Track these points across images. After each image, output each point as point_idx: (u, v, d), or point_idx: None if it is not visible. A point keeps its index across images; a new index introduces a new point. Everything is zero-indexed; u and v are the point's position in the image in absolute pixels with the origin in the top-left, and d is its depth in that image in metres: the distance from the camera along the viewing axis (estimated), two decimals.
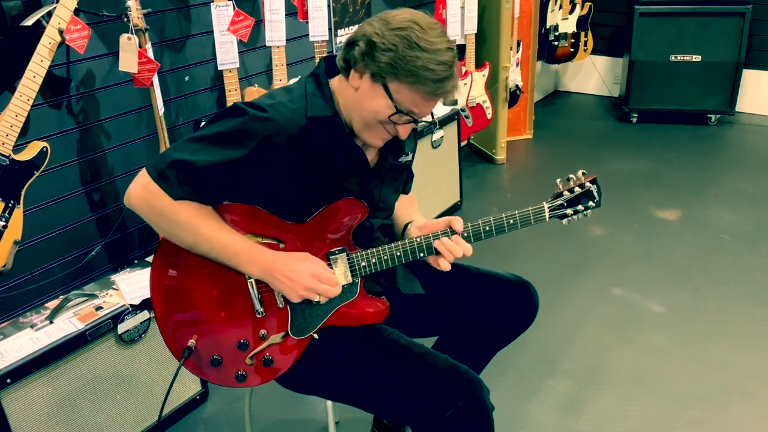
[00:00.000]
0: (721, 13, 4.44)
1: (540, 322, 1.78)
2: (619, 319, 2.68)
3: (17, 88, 1.91)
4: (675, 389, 2.31)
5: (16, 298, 2.20)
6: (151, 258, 1.50)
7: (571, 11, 4.70)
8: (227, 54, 2.46)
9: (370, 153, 1.53)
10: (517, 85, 4.20)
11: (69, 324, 1.88)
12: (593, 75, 5.39)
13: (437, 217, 1.60)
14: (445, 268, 1.51)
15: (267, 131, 1.38)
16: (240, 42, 2.53)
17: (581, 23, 4.80)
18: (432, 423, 1.42)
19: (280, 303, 1.49)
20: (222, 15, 2.41)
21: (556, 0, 4.54)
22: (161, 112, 2.35)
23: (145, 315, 2.00)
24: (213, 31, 2.44)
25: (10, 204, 1.96)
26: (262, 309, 1.49)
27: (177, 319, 1.50)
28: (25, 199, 2.00)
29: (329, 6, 2.95)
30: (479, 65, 3.87)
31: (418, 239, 1.51)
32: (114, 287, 2.05)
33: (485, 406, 1.43)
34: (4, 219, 1.95)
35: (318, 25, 2.65)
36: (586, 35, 4.87)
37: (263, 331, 1.50)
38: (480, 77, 3.84)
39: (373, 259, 1.50)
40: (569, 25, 4.74)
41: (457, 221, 1.50)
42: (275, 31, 2.55)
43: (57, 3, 1.93)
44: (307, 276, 1.43)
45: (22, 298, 2.22)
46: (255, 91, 2.65)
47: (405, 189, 1.76)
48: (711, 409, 2.21)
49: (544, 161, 4.32)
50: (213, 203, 1.44)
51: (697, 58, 4.55)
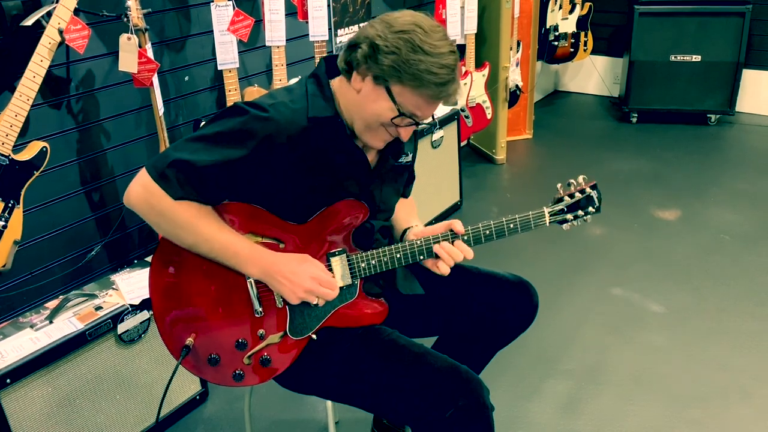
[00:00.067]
0: (721, 13, 4.44)
1: (540, 322, 1.78)
2: (619, 319, 2.68)
3: (17, 87, 1.90)
4: (675, 389, 2.31)
5: (15, 298, 2.20)
6: (151, 258, 1.50)
7: (571, 11, 4.70)
8: (227, 54, 2.46)
9: (370, 154, 1.53)
10: (517, 85, 4.20)
11: (69, 324, 1.88)
12: (593, 75, 5.39)
13: (437, 218, 1.60)
14: (444, 272, 1.51)
15: (267, 131, 1.38)
16: (240, 42, 2.52)
17: (581, 23, 4.80)
18: (432, 423, 1.42)
19: (279, 303, 1.49)
20: (222, 15, 2.41)
21: (556, 0, 4.54)
22: (161, 112, 2.35)
23: (145, 315, 2.00)
24: (213, 31, 2.44)
25: (9, 204, 1.96)
26: (261, 309, 1.49)
27: (175, 318, 1.49)
28: (25, 199, 2.00)
29: (329, 6, 2.95)
30: (479, 65, 3.87)
31: (418, 242, 1.51)
32: (114, 287, 2.05)
33: (485, 406, 1.43)
34: (3, 219, 1.95)
35: (318, 25, 2.65)
36: (586, 35, 4.87)
37: (261, 331, 1.50)
38: (480, 77, 3.84)
39: (373, 261, 1.50)
40: (569, 25, 4.74)
41: (458, 224, 1.50)
42: (275, 31, 2.55)
43: (57, 3, 1.93)
44: (308, 278, 1.43)
45: (21, 298, 2.22)
46: (255, 91, 2.65)
47: (405, 192, 1.75)
48: (711, 409, 2.21)
49: (544, 161, 4.32)
50: (213, 203, 1.44)
51: (697, 58, 4.54)
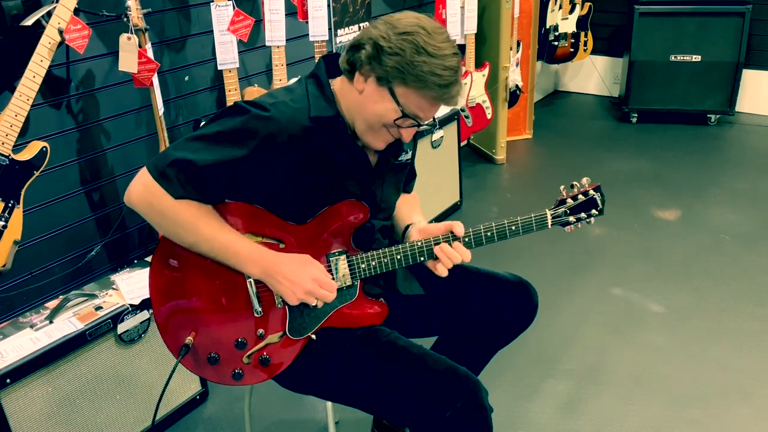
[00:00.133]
0: (721, 13, 4.44)
1: (540, 322, 1.78)
2: (619, 319, 2.68)
3: (17, 87, 1.90)
4: (675, 389, 2.31)
5: (15, 298, 2.20)
6: (151, 258, 1.50)
7: (571, 11, 4.70)
8: (227, 54, 2.46)
9: (370, 154, 1.53)
10: (517, 85, 4.20)
11: (69, 324, 1.88)
12: (593, 75, 5.39)
13: (437, 218, 1.59)
14: (443, 273, 1.51)
15: (268, 130, 1.38)
16: (240, 42, 2.52)
17: (581, 23, 4.80)
18: (431, 424, 1.42)
19: (278, 303, 1.49)
20: (222, 15, 2.41)
21: (556, 0, 4.54)
22: (161, 111, 2.35)
23: (145, 315, 2.00)
24: (213, 31, 2.44)
25: (9, 204, 1.96)
26: (260, 308, 1.49)
27: (175, 317, 1.49)
28: (25, 199, 2.00)
29: (329, 6, 2.95)
30: (479, 65, 3.87)
31: (418, 243, 1.51)
32: (114, 287, 2.05)
33: (483, 407, 1.43)
34: (3, 219, 1.95)
35: (318, 25, 2.65)
36: (585, 35, 4.87)
37: (261, 331, 1.50)
38: (480, 77, 3.84)
39: (373, 262, 1.50)
40: (569, 25, 4.74)
41: (458, 226, 1.50)
42: (275, 31, 2.55)
43: (57, 3, 1.93)
44: (308, 280, 1.42)
45: (21, 298, 2.22)
46: (255, 91, 2.65)
47: (407, 188, 1.75)
48: (711, 409, 2.21)
49: (543, 161, 4.32)
50: (214, 202, 1.44)
51: (697, 58, 4.54)
